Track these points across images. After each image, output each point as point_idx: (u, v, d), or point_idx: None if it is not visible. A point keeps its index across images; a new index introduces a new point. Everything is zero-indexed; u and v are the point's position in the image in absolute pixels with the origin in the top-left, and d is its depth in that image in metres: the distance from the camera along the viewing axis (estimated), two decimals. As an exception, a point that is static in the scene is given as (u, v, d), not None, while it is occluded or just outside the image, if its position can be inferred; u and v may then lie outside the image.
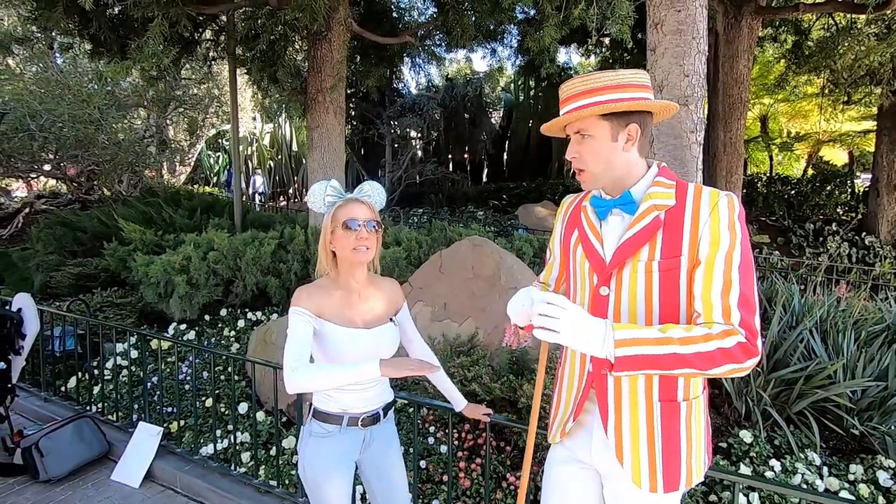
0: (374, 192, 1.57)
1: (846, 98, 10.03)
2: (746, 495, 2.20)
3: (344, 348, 1.48)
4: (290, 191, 14.60)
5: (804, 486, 2.20)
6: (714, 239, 1.09)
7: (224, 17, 6.00)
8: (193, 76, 11.00)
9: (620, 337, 1.02)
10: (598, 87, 1.13)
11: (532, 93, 14.26)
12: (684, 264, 1.11)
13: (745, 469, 2.37)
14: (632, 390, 1.17)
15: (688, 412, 1.17)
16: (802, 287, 3.56)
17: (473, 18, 5.71)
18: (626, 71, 1.14)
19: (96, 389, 3.67)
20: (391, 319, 1.62)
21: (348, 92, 9.92)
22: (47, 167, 8.80)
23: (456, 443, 2.71)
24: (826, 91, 10.03)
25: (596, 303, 1.21)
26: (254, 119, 15.55)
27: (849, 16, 7.86)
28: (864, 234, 8.90)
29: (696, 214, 1.10)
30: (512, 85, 15.32)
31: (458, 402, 1.85)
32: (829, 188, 10.71)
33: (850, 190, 10.97)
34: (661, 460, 1.15)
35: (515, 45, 8.58)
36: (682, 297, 1.13)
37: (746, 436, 2.49)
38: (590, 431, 1.26)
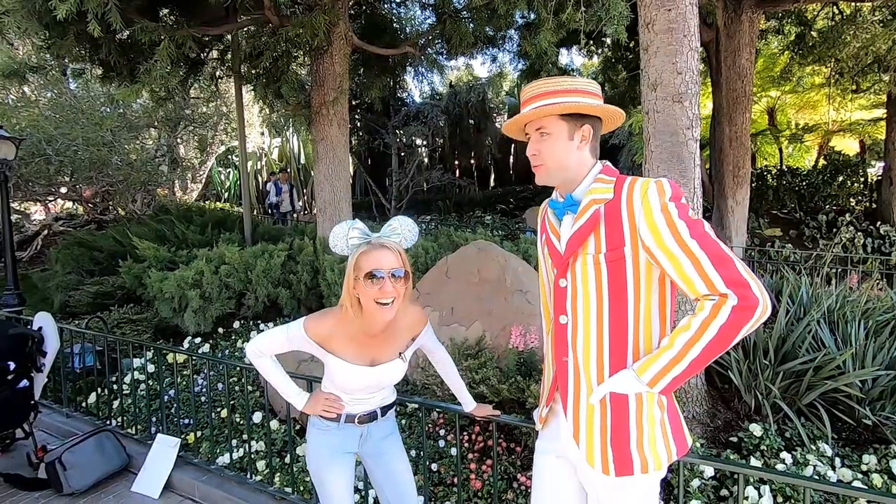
0: (403, 230, 1.50)
1: (854, 87, 9.91)
2: (757, 489, 2.19)
3: (345, 379, 1.56)
4: (300, 203, 14.78)
5: (816, 478, 2.19)
6: (651, 225, 1.15)
7: (228, 37, 6.15)
8: (201, 95, 11.23)
9: (648, 377, 1.18)
10: (559, 90, 1.25)
11: (536, 96, 14.26)
12: (629, 254, 1.18)
13: (755, 462, 2.36)
14: (587, 378, 1.25)
15: (637, 404, 1.21)
16: (817, 279, 3.53)
17: (471, 26, 5.78)
18: (582, 79, 1.27)
19: (116, 404, 3.77)
20: (400, 355, 1.61)
21: (353, 103, 10.04)
22: (63, 190, 9.05)
23: (466, 445, 2.74)
24: (833, 81, 9.92)
25: (557, 295, 1.30)
26: (262, 134, 15.81)
27: (854, 4, 7.78)
28: (878, 223, 8.75)
29: (630, 205, 1.18)
30: (516, 89, 15.38)
31: (468, 404, 1.90)
32: (841, 178, 10.55)
33: (862, 179, 10.79)
34: (610, 444, 1.21)
35: (516, 50, 8.63)
36: (630, 287, 1.20)
37: (756, 429, 2.48)
38: (559, 419, 1.36)
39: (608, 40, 9.85)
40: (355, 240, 1.46)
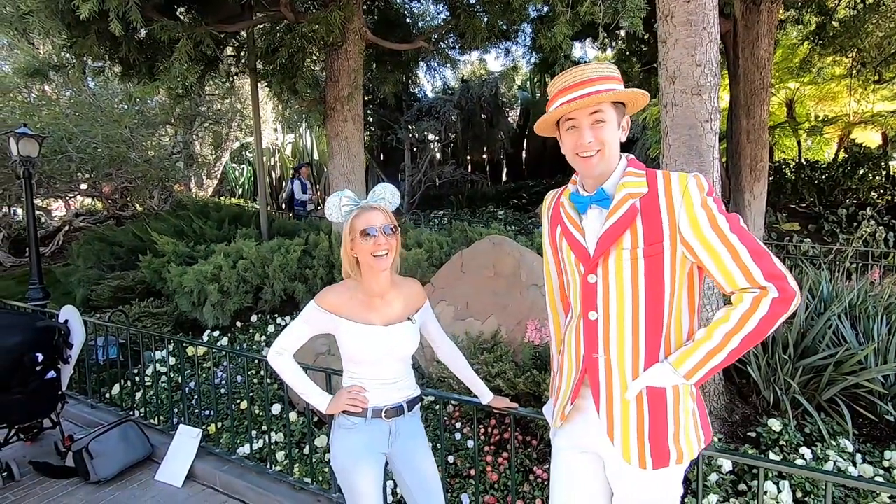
0: (386, 194, 1.64)
1: (877, 77, 9.67)
2: (776, 483, 2.18)
3: (361, 344, 1.58)
4: (314, 197, 14.89)
5: (836, 472, 2.16)
6: (692, 219, 1.15)
7: (244, 34, 6.21)
8: (217, 92, 11.34)
9: (686, 370, 1.19)
10: (608, 76, 1.22)
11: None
12: (667, 248, 1.17)
13: (774, 457, 2.34)
14: (620, 374, 1.23)
15: (675, 397, 1.21)
16: (838, 274, 3.48)
17: (485, 20, 5.76)
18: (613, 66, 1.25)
19: (138, 395, 3.86)
20: (409, 318, 1.68)
21: (366, 99, 10.03)
22: (84, 186, 9.23)
23: (483, 437, 2.76)
24: (854, 71, 9.69)
25: (585, 290, 1.27)
26: (275, 130, 15.93)
27: (875, -8, 7.59)
28: (901, 217, 8.56)
29: (670, 199, 1.17)
30: (528, 83, 15.28)
31: (484, 396, 1.91)
32: (861, 171, 10.31)
33: (884, 172, 10.54)
34: (648, 438, 1.21)
35: (529, 44, 8.57)
36: (667, 280, 1.19)
37: (775, 424, 2.47)
38: (586, 415, 1.33)
39: (622, 33, 9.72)
40: (347, 206, 1.60)
